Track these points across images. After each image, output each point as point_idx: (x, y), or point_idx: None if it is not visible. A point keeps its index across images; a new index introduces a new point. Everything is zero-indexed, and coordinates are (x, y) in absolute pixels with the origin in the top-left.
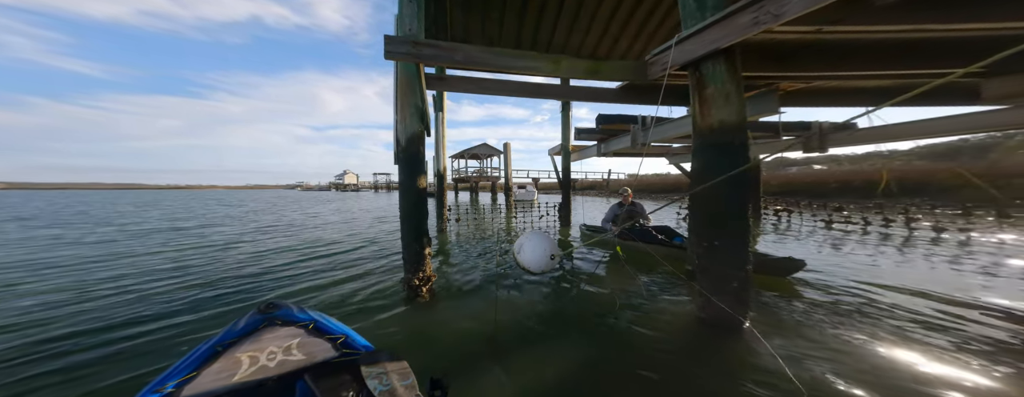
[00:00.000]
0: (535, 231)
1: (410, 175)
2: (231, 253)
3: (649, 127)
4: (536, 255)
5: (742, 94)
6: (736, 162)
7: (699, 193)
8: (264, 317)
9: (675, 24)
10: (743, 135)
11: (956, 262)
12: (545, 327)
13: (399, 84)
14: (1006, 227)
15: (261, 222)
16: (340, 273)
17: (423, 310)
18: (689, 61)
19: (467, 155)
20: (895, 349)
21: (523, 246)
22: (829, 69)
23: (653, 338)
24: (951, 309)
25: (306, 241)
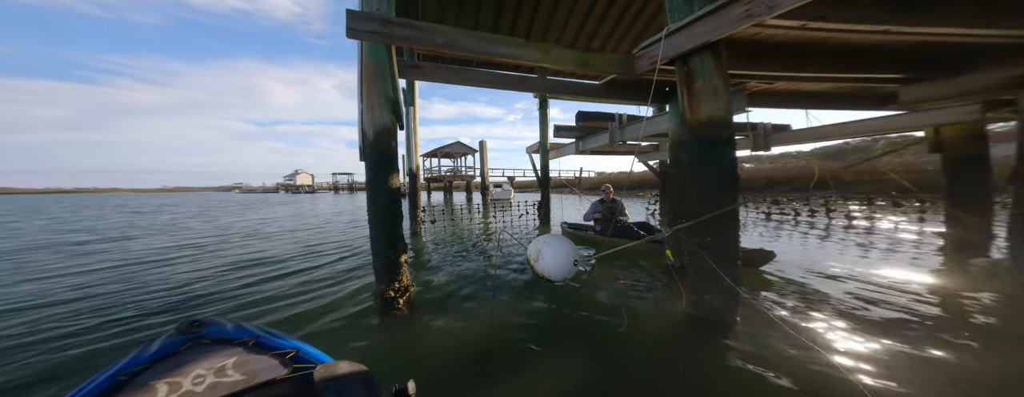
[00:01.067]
0: (552, 235)
1: (380, 173)
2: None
3: (625, 125)
4: (558, 262)
5: (728, 89)
6: (724, 156)
7: (689, 192)
8: (186, 337)
9: (650, 20)
10: (730, 130)
11: (873, 246)
12: (539, 336)
13: (365, 69)
14: (898, 212)
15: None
16: (294, 286)
17: (401, 325)
18: (678, 55)
19: (440, 154)
20: (881, 337)
21: (541, 252)
22: (793, 70)
23: (651, 341)
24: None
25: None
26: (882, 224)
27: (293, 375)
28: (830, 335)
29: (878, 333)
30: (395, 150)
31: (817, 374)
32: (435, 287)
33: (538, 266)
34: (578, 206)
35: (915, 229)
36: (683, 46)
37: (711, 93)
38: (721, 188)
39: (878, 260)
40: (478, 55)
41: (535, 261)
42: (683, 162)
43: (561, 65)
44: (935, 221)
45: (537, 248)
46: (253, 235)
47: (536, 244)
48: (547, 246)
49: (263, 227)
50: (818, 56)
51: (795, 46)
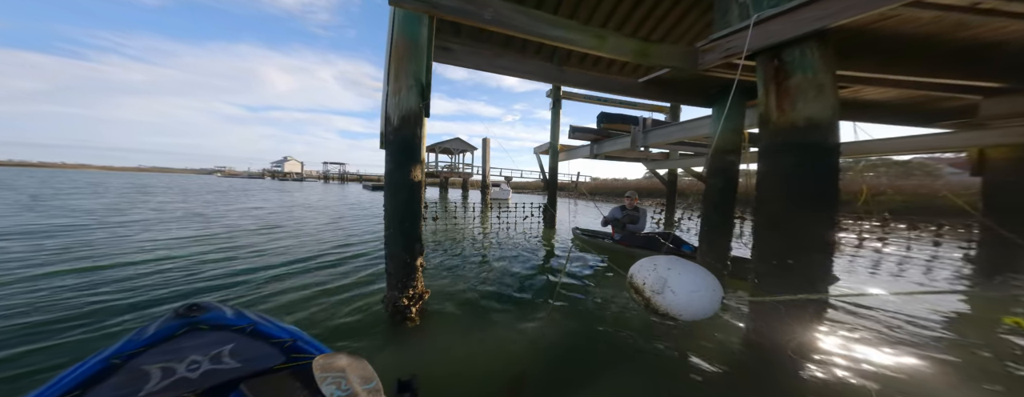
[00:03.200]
0: (672, 257)
1: (402, 164)
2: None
3: (650, 129)
4: (700, 297)
5: (836, 86)
6: (827, 165)
7: (773, 205)
8: (184, 321)
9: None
10: (836, 135)
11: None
12: (580, 358)
13: (395, 46)
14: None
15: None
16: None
17: (414, 338)
18: (767, 46)
19: (438, 149)
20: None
21: (669, 282)
22: (883, 71)
23: (708, 367)
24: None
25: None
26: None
27: (291, 364)
28: (889, 362)
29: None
30: (421, 139)
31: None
32: (449, 293)
33: (663, 301)
34: (576, 211)
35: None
36: (779, 35)
37: (814, 90)
38: (821, 201)
39: (924, 282)
40: (526, 35)
41: (657, 293)
42: (763, 170)
43: (617, 54)
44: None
45: (659, 276)
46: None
47: (654, 270)
48: (677, 274)
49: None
50: (916, 55)
51: (903, 40)
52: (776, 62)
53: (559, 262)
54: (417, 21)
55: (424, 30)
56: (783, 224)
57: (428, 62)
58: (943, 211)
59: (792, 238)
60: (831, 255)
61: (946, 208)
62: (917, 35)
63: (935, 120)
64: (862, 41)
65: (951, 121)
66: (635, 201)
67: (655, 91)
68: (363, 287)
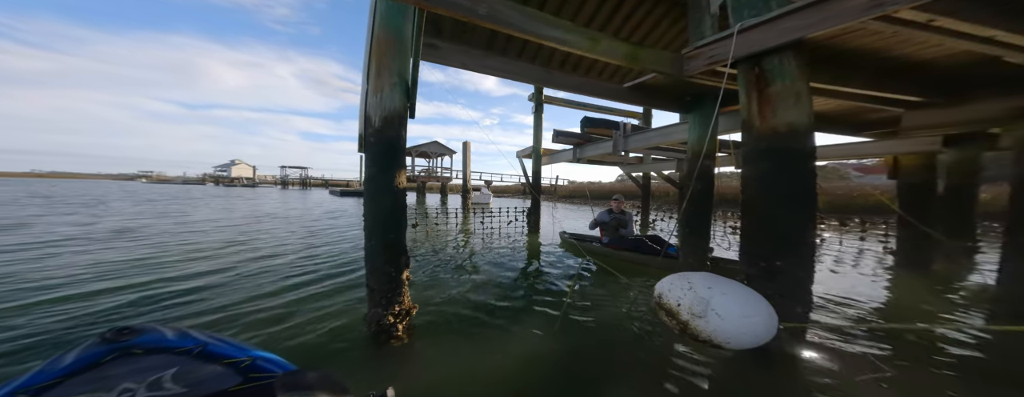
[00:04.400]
0: (711, 275)
1: (384, 168)
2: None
3: (630, 134)
4: (751, 324)
5: (811, 95)
6: (805, 169)
7: (759, 208)
8: (111, 347)
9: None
10: (813, 141)
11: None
12: (578, 373)
13: (376, 41)
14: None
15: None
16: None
17: (404, 358)
18: (749, 54)
19: (415, 153)
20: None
21: (712, 304)
22: (839, 83)
23: (712, 377)
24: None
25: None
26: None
27: (248, 386)
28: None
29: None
30: (404, 141)
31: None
32: (436, 306)
33: (706, 326)
34: (556, 215)
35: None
36: (760, 44)
37: (793, 98)
38: (797, 203)
39: (858, 277)
40: (522, 34)
41: (698, 316)
42: (747, 175)
43: (609, 57)
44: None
45: (698, 297)
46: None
47: (690, 289)
48: (722, 295)
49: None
50: (863, 69)
51: (854, 55)
52: (757, 70)
53: (563, 281)
54: (401, 14)
55: (409, 24)
56: (769, 226)
57: (415, 59)
58: (858, 209)
59: (779, 240)
60: (814, 255)
61: (861, 207)
62: (867, 50)
63: (861, 130)
64: (824, 54)
65: (872, 131)
66: (622, 204)
67: (638, 96)
68: (338, 304)
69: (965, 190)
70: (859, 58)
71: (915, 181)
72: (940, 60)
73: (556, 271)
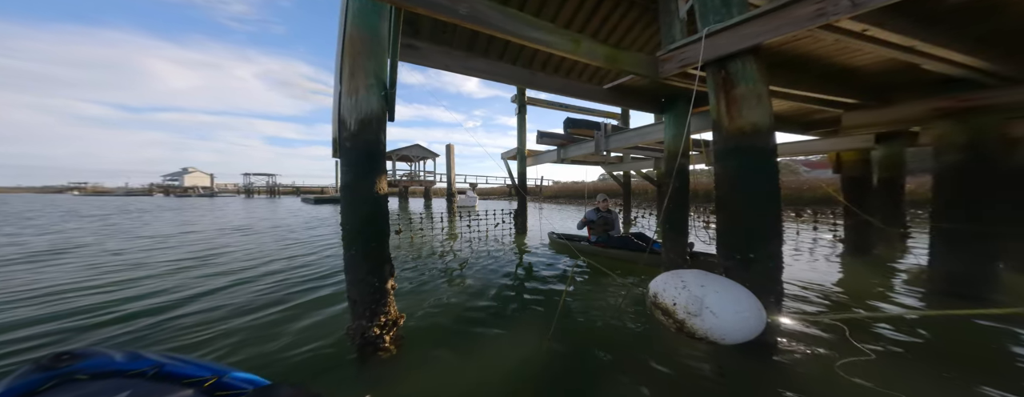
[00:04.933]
0: (703, 273)
1: (362, 175)
2: None
3: (610, 134)
4: (741, 320)
5: (770, 97)
6: (769, 165)
7: (731, 203)
8: (50, 374)
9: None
10: (774, 139)
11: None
12: (575, 375)
13: (348, 41)
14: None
15: None
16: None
17: (393, 370)
18: (717, 58)
19: (396, 157)
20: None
21: (706, 302)
22: (790, 86)
23: (706, 370)
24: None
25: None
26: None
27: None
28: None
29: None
30: (383, 145)
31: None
32: (425, 314)
33: (702, 324)
34: (551, 215)
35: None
36: (724, 49)
37: (755, 99)
38: (765, 198)
39: (817, 264)
40: (504, 35)
41: (694, 315)
42: (719, 172)
43: (590, 59)
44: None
45: (693, 295)
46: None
47: (684, 288)
48: (715, 293)
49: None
50: (809, 73)
51: (803, 60)
52: (723, 73)
53: (554, 283)
54: (376, 12)
55: (385, 23)
56: (742, 220)
57: (393, 59)
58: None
59: (750, 233)
60: (781, 246)
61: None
62: (813, 56)
63: (808, 129)
64: (778, 60)
65: (817, 130)
66: (608, 204)
67: (617, 97)
68: (313, 318)
69: (894, 181)
70: (807, 64)
71: (855, 174)
72: (871, 66)
73: (546, 273)
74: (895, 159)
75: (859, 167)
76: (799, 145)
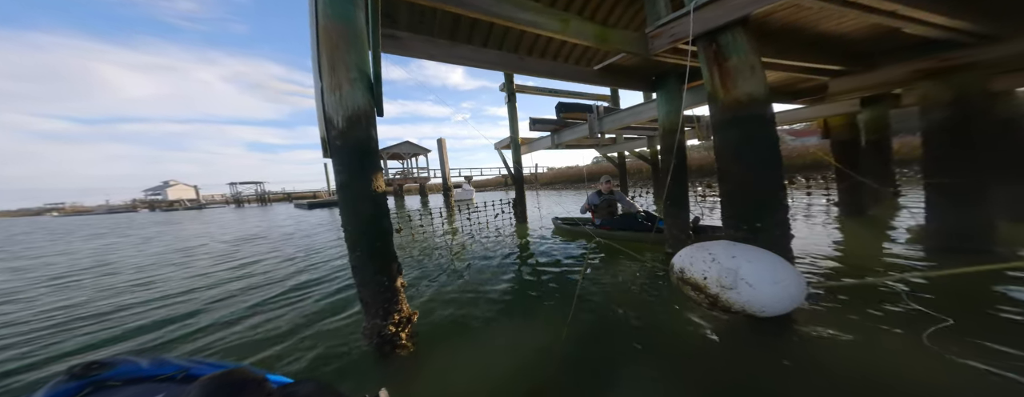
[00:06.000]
0: (731, 243)
1: (357, 173)
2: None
3: (603, 116)
4: (780, 289)
5: (763, 67)
6: (769, 134)
7: (734, 174)
8: (83, 382)
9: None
10: (771, 109)
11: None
12: (597, 360)
13: (322, 34)
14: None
15: None
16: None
17: (414, 366)
18: (705, 32)
19: (387, 155)
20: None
21: (741, 274)
22: (779, 57)
23: (726, 347)
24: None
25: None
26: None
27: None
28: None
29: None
30: (375, 142)
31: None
32: (437, 310)
33: (739, 297)
34: (548, 200)
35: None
36: (714, 21)
37: (749, 70)
38: (768, 167)
39: (819, 228)
40: (491, 18)
41: (729, 288)
42: (719, 144)
43: (579, 38)
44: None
45: (725, 267)
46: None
47: (714, 261)
48: (749, 263)
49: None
50: (796, 43)
51: (788, 30)
52: (714, 46)
53: (561, 268)
54: (351, 2)
55: (361, 13)
56: (747, 190)
57: (375, 51)
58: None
59: (757, 202)
60: (787, 213)
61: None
62: (799, 25)
63: (795, 98)
64: (766, 30)
65: (803, 99)
66: (611, 186)
67: (607, 78)
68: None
69: (881, 143)
70: (794, 33)
71: (844, 138)
72: (855, 33)
73: (553, 258)
74: (881, 121)
75: (847, 131)
76: (787, 114)
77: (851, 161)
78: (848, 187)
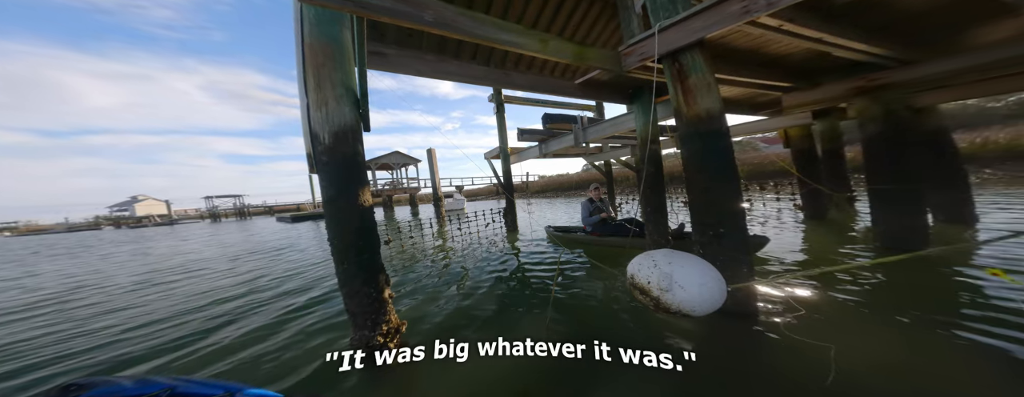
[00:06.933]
0: (670, 251)
1: (344, 189)
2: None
3: (587, 126)
4: (706, 290)
5: (717, 85)
6: (726, 147)
7: (698, 183)
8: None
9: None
10: (726, 122)
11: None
12: (579, 363)
13: (309, 51)
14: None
15: None
16: None
17: (401, 375)
18: (669, 51)
19: (375, 165)
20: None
21: (675, 277)
22: (734, 75)
23: (703, 344)
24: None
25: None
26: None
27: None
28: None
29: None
30: (362, 156)
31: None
32: (426, 319)
33: (674, 298)
34: (540, 209)
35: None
36: (676, 42)
37: (705, 88)
38: (726, 176)
39: (784, 231)
40: (473, 39)
41: (665, 290)
42: (685, 155)
43: (558, 57)
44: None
45: (663, 272)
46: None
47: (655, 267)
48: (681, 267)
49: None
50: (748, 63)
51: (740, 52)
52: (677, 65)
53: (537, 265)
54: (336, 21)
55: (346, 32)
56: (709, 199)
57: (361, 68)
58: (770, 174)
59: (718, 210)
60: (745, 219)
61: (772, 172)
62: (749, 48)
63: (758, 110)
64: (721, 52)
65: (766, 110)
66: (600, 192)
67: (587, 91)
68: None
69: (835, 151)
70: (746, 54)
71: (803, 147)
72: (796, 54)
73: (542, 267)
74: (833, 132)
75: (805, 141)
76: (753, 125)
77: (810, 168)
78: (808, 193)
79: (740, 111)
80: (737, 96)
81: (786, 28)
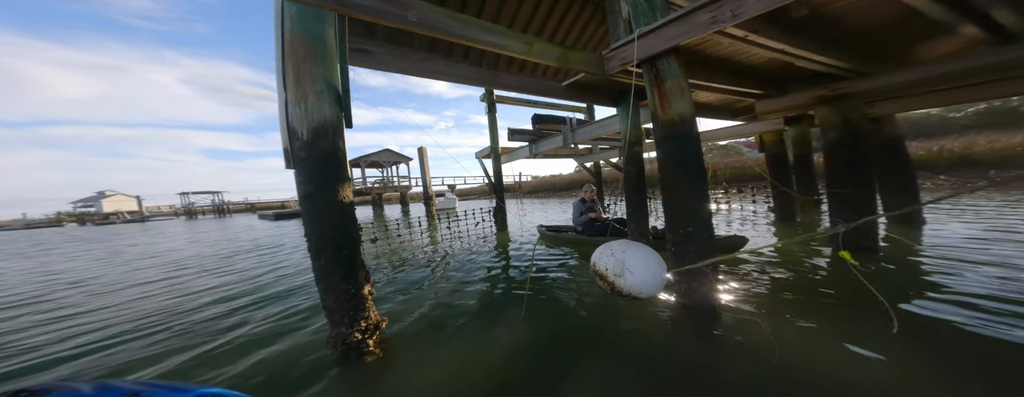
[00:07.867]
0: (624, 241)
1: (323, 185)
2: None
3: (576, 128)
4: (651, 273)
5: (690, 91)
6: (696, 149)
7: (671, 184)
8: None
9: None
10: (696, 126)
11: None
12: (556, 355)
13: (289, 47)
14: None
15: None
16: None
17: (380, 371)
18: (647, 57)
19: (365, 163)
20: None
21: (627, 264)
22: (709, 81)
23: (663, 338)
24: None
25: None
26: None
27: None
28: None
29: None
30: (343, 153)
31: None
32: (409, 316)
33: (625, 282)
34: (520, 210)
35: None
36: (653, 49)
37: (679, 93)
38: (696, 177)
39: (758, 230)
40: (457, 39)
41: (619, 275)
42: (661, 157)
43: (543, 59)
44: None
45: (618, 260)
46: None
47: (612, 255)
48: (632, 255)
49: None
50: (721, 70)
51: (713, 60)
52: (655, 70)
53: (523, 263)
54: (319, 19)
55: (330, 29)
56: (681, 200)
57: (343, 65)
58: (751, 178)
59: (688, 210)
60: (711, 220)
61: (752, 175)
62: (720, 56)
63: (736, 115)
64: (695, 59)
65: (743, 116)
66: (592, 193)
67: (575, 93)
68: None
69: (805, 157)
70: (719, 62)
71: (776, 152)
72: (765, 64)
73: (524, 265)
74: (803, 138)
75: (778, 146)
76: (731, 129)
77: (782, 172)
78: (779, 195)
79: (720, 116)
80: (716, 101)
81: (752, 39)
